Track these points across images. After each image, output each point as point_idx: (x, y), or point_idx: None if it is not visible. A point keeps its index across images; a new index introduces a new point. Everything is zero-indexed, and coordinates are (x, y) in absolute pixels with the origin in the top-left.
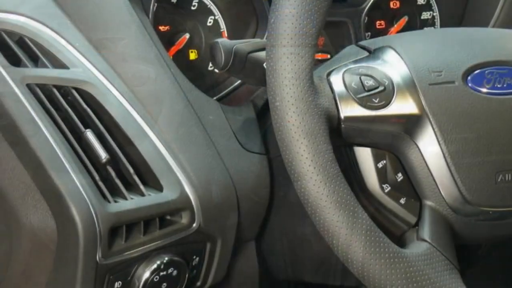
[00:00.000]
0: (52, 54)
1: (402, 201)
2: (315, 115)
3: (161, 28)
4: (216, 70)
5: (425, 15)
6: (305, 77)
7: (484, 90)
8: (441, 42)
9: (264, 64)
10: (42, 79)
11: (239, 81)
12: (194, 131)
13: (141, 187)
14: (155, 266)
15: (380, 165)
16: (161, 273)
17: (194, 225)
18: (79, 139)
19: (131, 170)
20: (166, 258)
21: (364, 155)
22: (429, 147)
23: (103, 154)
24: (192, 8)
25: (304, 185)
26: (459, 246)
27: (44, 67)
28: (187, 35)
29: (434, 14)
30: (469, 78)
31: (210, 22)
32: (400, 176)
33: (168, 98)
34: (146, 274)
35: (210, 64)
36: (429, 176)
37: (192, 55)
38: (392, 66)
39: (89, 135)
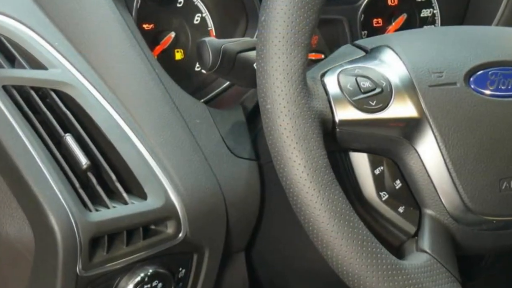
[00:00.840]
0: (29, 54)
1: (401, 209)
2: (308, 119)
3: (145, 26)
4: (204, 71)
5: (425, 13)
6: (297, 78)
7: (488, 92)
8: (442, 41)
9: (255, 65)
10: (19, 80)
11: (227, 83)
12: (180, 135)
13: (124, 194)
14: (138, 278)
15: (377, 171)
16: (145, 286)
17: (180, 235)
18: (58, 144)
19: (113, 177)
20: (151, 270)
21: (360, 161)
22: (429, 153)
23: (83, 160)
24: (178, 5)
25: (296, 193)
26: (461, 257)
27: (21, 68)
28: (172, 34)
29: (435, 11)
30: (471, 79)
31: (197, 20)
32: (398, 183)
33: (152, 101)
34: (129, 287)
35: (197, 65)
36: (429, 183)
37: (178, 55)
38: (390, 66)
39: (69, 139)
